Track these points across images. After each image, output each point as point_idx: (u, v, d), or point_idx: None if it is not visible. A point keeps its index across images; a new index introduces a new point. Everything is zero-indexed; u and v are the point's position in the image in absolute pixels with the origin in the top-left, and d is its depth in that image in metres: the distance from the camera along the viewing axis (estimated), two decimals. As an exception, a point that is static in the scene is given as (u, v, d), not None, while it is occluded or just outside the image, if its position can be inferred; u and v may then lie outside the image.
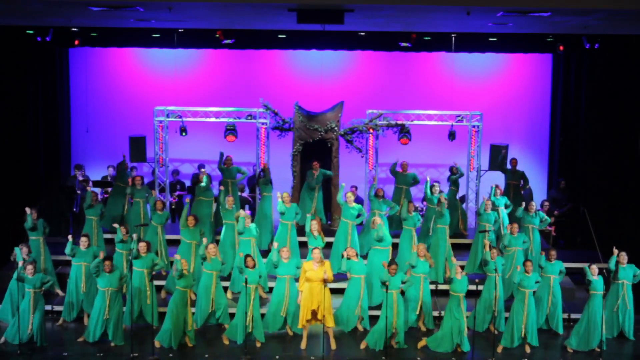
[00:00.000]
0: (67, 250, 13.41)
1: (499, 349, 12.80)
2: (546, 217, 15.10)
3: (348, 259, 13.15)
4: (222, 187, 15.64)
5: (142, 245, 13.24)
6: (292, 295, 13.11)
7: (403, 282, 12.70)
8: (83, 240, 13.51)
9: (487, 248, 13.25)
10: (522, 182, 17.13)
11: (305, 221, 14.20)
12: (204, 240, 13.37)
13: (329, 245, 14.71)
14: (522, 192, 17.14)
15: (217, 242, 14.77)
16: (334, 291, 13.69)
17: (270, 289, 13.99)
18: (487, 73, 19.27)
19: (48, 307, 13.68)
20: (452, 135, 17.19)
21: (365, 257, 14.29)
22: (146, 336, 12.85)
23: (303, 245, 14.68)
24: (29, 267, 12.63)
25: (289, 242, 14.50)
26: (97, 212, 14.97)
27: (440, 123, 17.29)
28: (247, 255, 12.90)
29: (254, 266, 12.81)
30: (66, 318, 13.69)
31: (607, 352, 12.82)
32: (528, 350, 12.86)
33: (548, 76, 19.21)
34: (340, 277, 14.29)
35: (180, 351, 12.66)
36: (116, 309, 12.77)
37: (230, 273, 14.40)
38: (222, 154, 16.18)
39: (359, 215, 14.87)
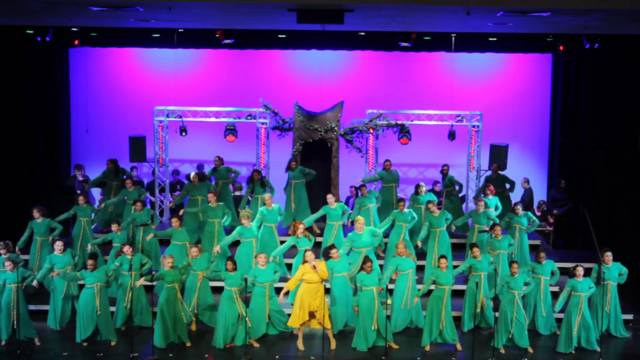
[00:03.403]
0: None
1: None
2: (535, 218, 15.00)
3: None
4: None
5: (128, 249, 13.25)
6: (272, 302, 13.01)
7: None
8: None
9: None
10: (507, 185, 16.93)
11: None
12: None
13: (317, 245, 14.64)
14: (509, 193, 16.95)
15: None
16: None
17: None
18: (487, 73, 19.28)
19: (46, 307, 13.68)
20: (452, 135, 17.19)
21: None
22: (146, 336, 12.86)
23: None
24: (7, 263, 12.60)
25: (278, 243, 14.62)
26: (86, 214, 14.92)
27: (440, 123, 17.29)
28: (228, 258, 12.88)
29: (233, 269, 12.72)
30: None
31: (606, 352, 12.81)
32: (530, 350, 12.84)
33: (548, 76, 19.21)
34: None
35: (180, 351, 12.65)
36: (106, 303, 12.71)
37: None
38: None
39: (343, 213, 14.88)
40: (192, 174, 16.46)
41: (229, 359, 12.44)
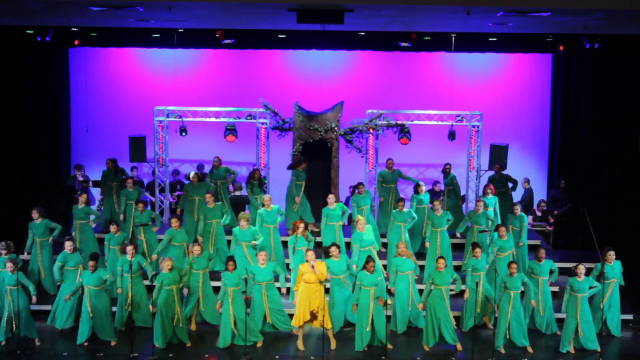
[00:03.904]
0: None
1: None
2: (526, 222, 14.90)
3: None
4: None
5: (130, 249, 13.20)
6: (270, 300, 12.98)
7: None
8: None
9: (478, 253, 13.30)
10: (510, 185, 16.95)
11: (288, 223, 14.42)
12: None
13: (317, 245, 14.61)
14: (512, 192, 16.99)
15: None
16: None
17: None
18: (487, 73, 19.29)
19: (47, 307, 13.66)
20: (452, 135, 17.19)
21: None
22: (146, 336, 12.86)
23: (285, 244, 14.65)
24: (9, 264, 12.57)
25: (273, 245, 14.57)
26: (80, 216, 14.83)
27: (440, 123, 17.29)
28: (229, 258, 12.85)
29: (234, 269, 12.69)
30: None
31: (607, 352, 12.81)
32: (530, 350, 12.83)
33: (548, 76, 19.23)
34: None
35: (180, 351, 12.65)
36: (101, 306, 12.68)
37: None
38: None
39: (343, 213, 14.88)
40: (192, 174, 16.45)
41: (229, 359, 12.45)
